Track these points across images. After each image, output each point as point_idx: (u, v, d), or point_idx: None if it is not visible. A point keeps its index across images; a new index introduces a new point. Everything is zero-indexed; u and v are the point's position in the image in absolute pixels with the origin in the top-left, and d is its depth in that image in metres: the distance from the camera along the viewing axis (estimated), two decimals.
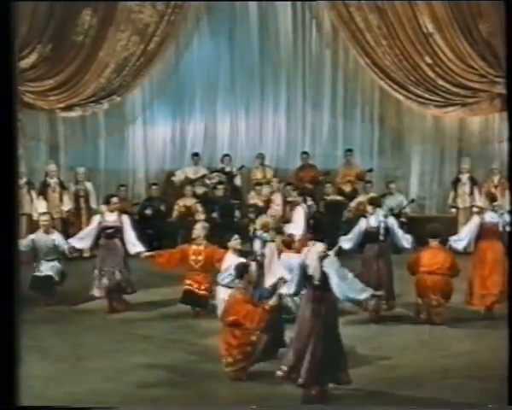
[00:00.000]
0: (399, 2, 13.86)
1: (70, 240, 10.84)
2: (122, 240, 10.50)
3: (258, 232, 9.61)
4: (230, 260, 9.37)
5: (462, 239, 10.39)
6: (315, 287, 7.04)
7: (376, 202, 10.66)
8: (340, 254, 8.67)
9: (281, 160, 15.80)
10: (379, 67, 14.35)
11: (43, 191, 13.42)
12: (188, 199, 13.93)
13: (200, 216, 13.02)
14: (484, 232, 10.21)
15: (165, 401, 7.32)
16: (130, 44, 14.26)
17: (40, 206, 13.11)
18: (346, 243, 10.15)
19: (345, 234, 10.53)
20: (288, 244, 9.78)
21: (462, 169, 14.28)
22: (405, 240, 10.18)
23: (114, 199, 10.74)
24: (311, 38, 15.58)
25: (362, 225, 10.21)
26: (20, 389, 5.02)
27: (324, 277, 6.95)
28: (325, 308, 7.05)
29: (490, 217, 10.24)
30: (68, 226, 13.57)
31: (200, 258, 10.15)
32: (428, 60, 14.01)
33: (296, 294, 7.49)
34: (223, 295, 9.13)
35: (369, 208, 10.37)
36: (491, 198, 10.82)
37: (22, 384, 5.04)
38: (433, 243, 9.87)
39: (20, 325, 5.05)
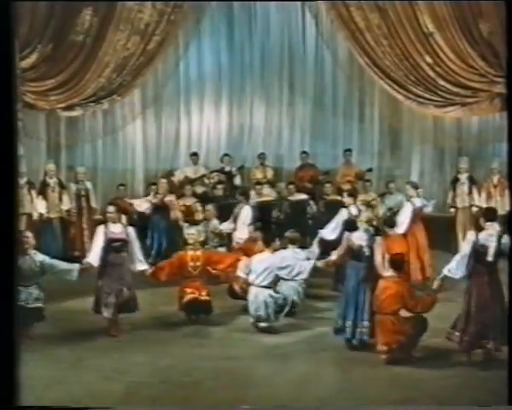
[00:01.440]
0: (400, 1, 13.84)
1: (88, 259, 9.49)
2: (127, 254, 9.59)
3: (364, 226, 9.16)
4: (270, 260, 9.58)
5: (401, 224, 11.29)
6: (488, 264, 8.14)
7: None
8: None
9: (280, 159, 15.81)
10: (379, 66, 14.34)
11: (43, 191, 13.41)
12: (187, 199, 13.92)
13: (200, 216, 13.00)
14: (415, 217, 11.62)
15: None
16: (130, 44, 14.24)
17: (40, 205, 13.12)
18: (328, 234, 10.82)
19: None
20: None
21: (461, 169, 14.27)
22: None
23: (111, 208, 9.82)
24: (310, 37, 15.59)
25: (343, 214, 10.98)
26: (20, 389, 5.02)
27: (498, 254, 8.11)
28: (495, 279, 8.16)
29: (419, 202, 11.77)
30: (68, 226, 13.58)
31: (198, 264, 10.04)
32: (429, 59, 14.00)
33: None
34: (262, 297, 9.45)
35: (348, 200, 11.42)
36: (414, 186, 12.36)
37: (22, 384, 5.05)
38: None
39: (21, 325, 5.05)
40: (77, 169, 14.20)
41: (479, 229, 8.45)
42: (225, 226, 12.42)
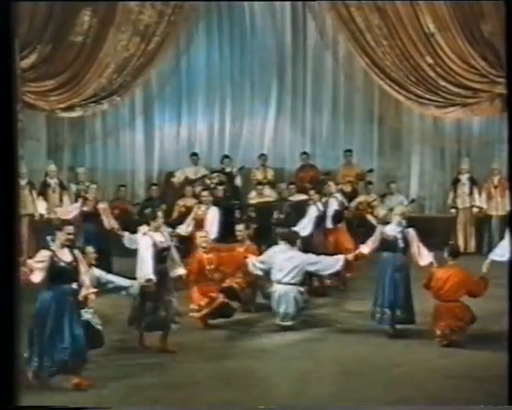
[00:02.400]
0: (400, 2, 13.85)
1: (147, 275, 8.48)
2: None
3: (396, 219, 9.39)
4: (300, 257, 9.61)
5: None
6: None
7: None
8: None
9: (281, 160, 15.81)
10: (379, 67, 14.35)
11: (43, 192, 13.41)
12: (188, 199, 13.90)
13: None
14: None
15: None
16: (131, 45, 14.27)
17: (40, 206, 13.12)
18: (302, 231, 11.01)
19: None
20: None
21: (461, 169, 14.28)
22: None
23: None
24: (311, 37, 15.59)
25: (313, 211, 11.51)
26: (20, 389, 5.02)
27: None
28: None
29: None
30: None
31: (212, 266, 9.89)
32: (429, 60, 14.00)
33: None
34: (292, 294, 9.46)
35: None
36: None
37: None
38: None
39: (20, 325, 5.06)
40: (77, 170, 14.21)
41: None
42: (182, 229, 11.69)
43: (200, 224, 11.49)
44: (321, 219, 11.57)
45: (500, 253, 8.83)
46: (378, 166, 15.21)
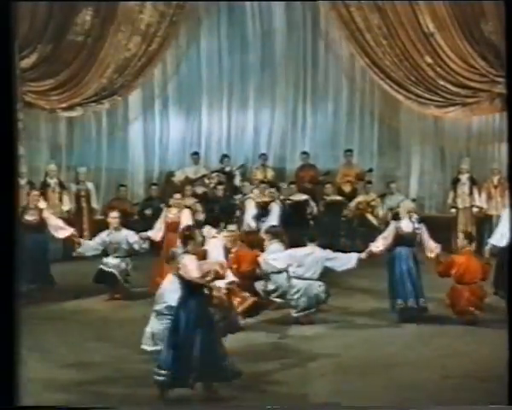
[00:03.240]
0: (400, 1, 13.84)
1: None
2: None
3: (408, 215, 10.03)
4: (319, 253, 9.81)
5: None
6: None
7: None
8: None
9: (281, 160, 15.81)
10: (379, 66, 14.34)
11: (43, 191, 13.39)
12: (187, 199, 13.91)
13: (200, 216, 12.98)
14: None
15: None
16: (132, 45, 14.26)
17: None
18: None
19: (345, 233, 10.80)
20: None
21: (461, 169, 14.27)
22: None
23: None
24: (311, 37, 15.58)
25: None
26: (20, 389, 5.02)
27: None
28: None
29: None
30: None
31: (234, 266, 9.75)
32: (429, 59, 13.99)
33: None
34: (315, 290, 9.71)
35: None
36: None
37: (22, 384, 5.05)
38: None
39: (20, 325, 5.05)
40: (78, 169, 14.21)
41: None
42: (152, 234, 11.55)
43: (171, 227, 11.26)
44: None
45: (497, 238, 10.09)
46: (378, 166, 15.21)
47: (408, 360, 8.38)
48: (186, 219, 11.42)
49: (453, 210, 14.16)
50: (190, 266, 7.03)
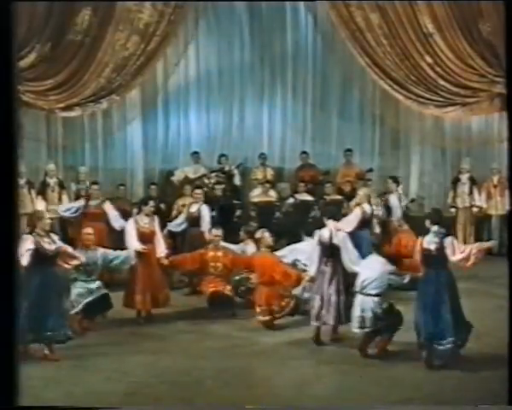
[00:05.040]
0: (400, 1, 13.84)
1: None
2: None
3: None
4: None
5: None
6: None
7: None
8: None
9: (281, 159, 15.80)
10: (379, 66, 14.33)
11: (43, 191, 13.40)
12: (187, 198, 13.90)
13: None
14: None
15: None
16: (130, 44, 14.24)
17: (39, 206, 13.10)
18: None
19: None
20: None
21: (461, 169, 14.29)
22: None
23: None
24: (311, 37, 15.58)
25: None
26: (20, 389, 5.01)
27: None
28: None
29: None
30: (67, 226, 13.55)
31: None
32: (429, 59, 13.99)
33: None
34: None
35: None
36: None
37: (22, 384, 5.04)
38: None
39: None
40: (78, 169, 14.20)
41: None
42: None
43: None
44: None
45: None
46: (378, 165, 15.21)
47: None
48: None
49: (453, 210, 14.18)
50: None
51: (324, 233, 9.07)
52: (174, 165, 15.40)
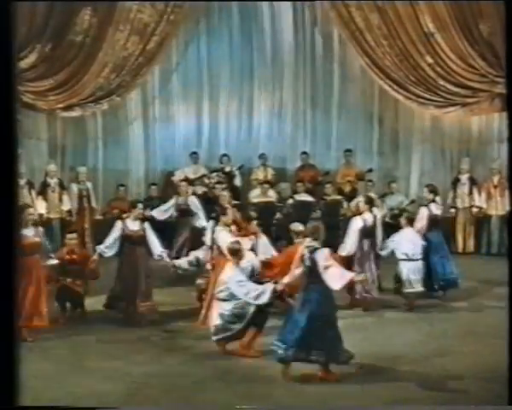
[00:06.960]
0: (400, 1, 13.85)
1: None
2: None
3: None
4: None
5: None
6: None
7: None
8: None
9: (281, 160, 15.81)
10: (379, 67, 14.35)
11: (43, 191, 13.41)
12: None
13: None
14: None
15: None
16: (130, 44, 14.26)
17: (40, 206, 13.10)
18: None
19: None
20: None
21: (461, 169, 14.30)
22: None
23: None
24: (310, 37, 15.59)
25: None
26: (20, 389, 5.01)
27: None
28: None
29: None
30: (68, 226, 13.54)
31: None
32: (429, 59, 14.01)
33: None
34: None
35: None
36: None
37: (22, 384, 5.03)
38: None
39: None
40: (78, 169, 14.20)
41: None
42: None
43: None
44: None
45: None
46: (378, 165, 15.21)
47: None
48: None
49: (453, 210, 14.18)
50: None
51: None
52: (174, 165, 15.40)
